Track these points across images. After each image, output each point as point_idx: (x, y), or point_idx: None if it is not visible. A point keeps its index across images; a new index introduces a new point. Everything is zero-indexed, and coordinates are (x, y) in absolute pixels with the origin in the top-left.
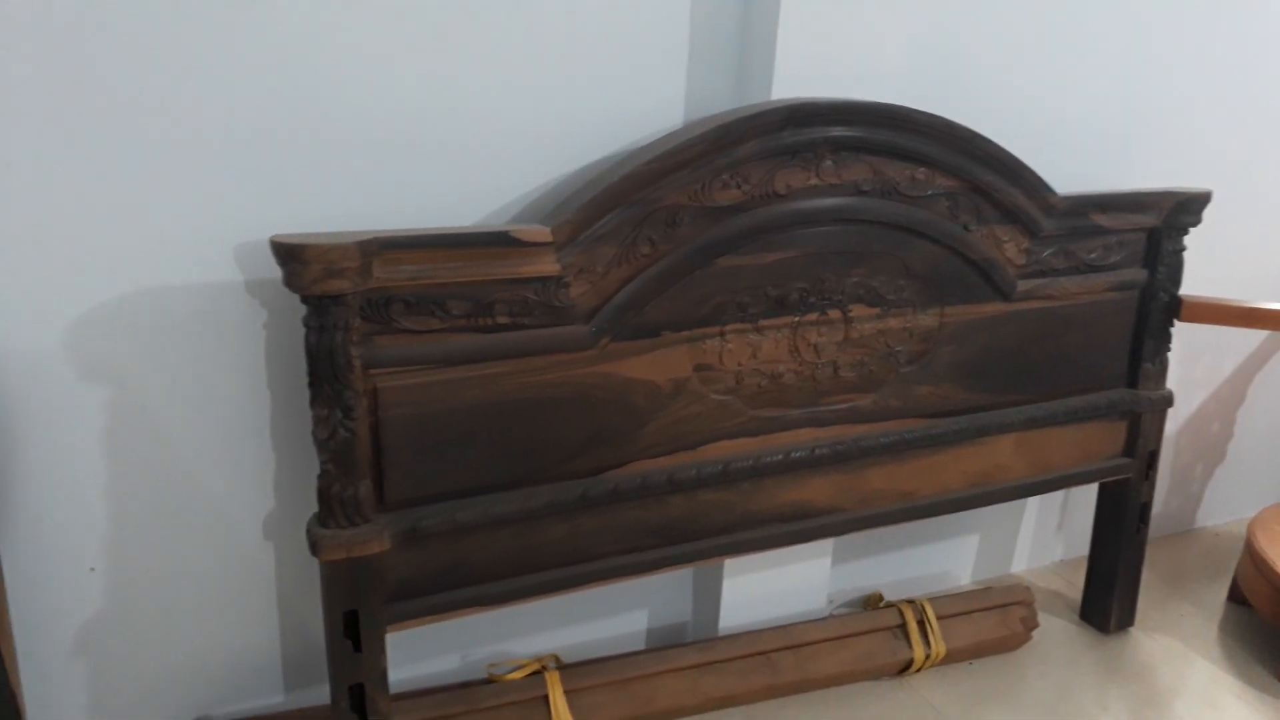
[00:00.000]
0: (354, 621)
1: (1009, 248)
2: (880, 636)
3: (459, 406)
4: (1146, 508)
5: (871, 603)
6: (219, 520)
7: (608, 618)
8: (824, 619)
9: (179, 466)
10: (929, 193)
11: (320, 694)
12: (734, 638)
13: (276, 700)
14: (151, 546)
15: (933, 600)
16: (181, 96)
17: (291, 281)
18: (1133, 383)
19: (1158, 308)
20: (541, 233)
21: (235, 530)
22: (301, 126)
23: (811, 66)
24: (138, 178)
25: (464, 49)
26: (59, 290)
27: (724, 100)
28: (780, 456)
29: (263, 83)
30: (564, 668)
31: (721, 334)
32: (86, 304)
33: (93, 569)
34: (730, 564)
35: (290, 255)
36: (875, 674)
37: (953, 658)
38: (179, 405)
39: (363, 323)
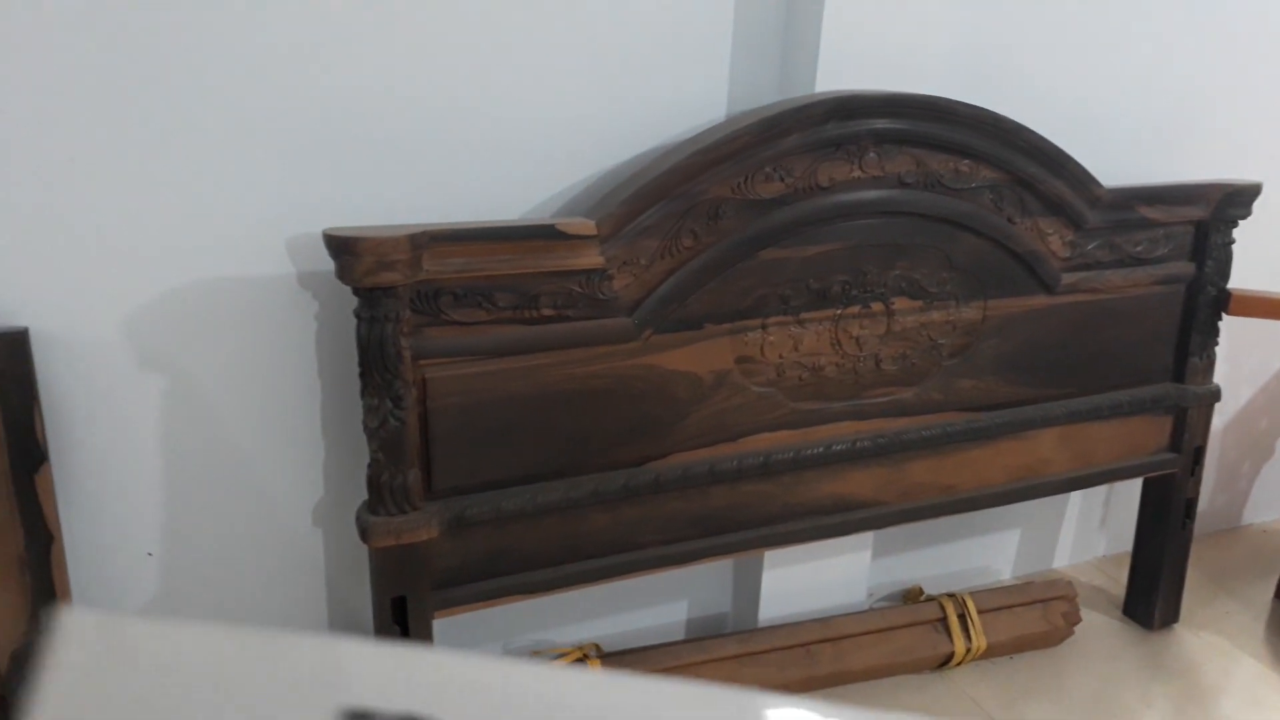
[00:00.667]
0: (402, 607)
1: (1053, 240)
2: (920, 630)
3: (505, 397)
4: (1192, 504)
5: (911, 596)
6: (270, 507)
7: (648, 607)
8: (864, 612)
9: (232, 455)
10: (972, 185)
11: None
12: (774, 629)
13: None
14: (205, 532)
15: (973, 594)
16: (238, 92)
17: (344, 274)
18: (1179, 377)
19: (1205, 301)
20: (586, 226)
21: (285, 517)
22: (352, 122)
23: (855, 59)
24: (194, 172)
25: (510, 45)
26: (118, 282)
27: (767, 93)
28: (821, 449)
29: (316, 79)
30: (605, 656)
31: (763, 326)
32: (144, 296)
33: (150, 554)
34: (770, 556)
35: (343, 248)
36: (915, 667)
37: (993, 652)
38: (233, 395)
39: (412, 314)
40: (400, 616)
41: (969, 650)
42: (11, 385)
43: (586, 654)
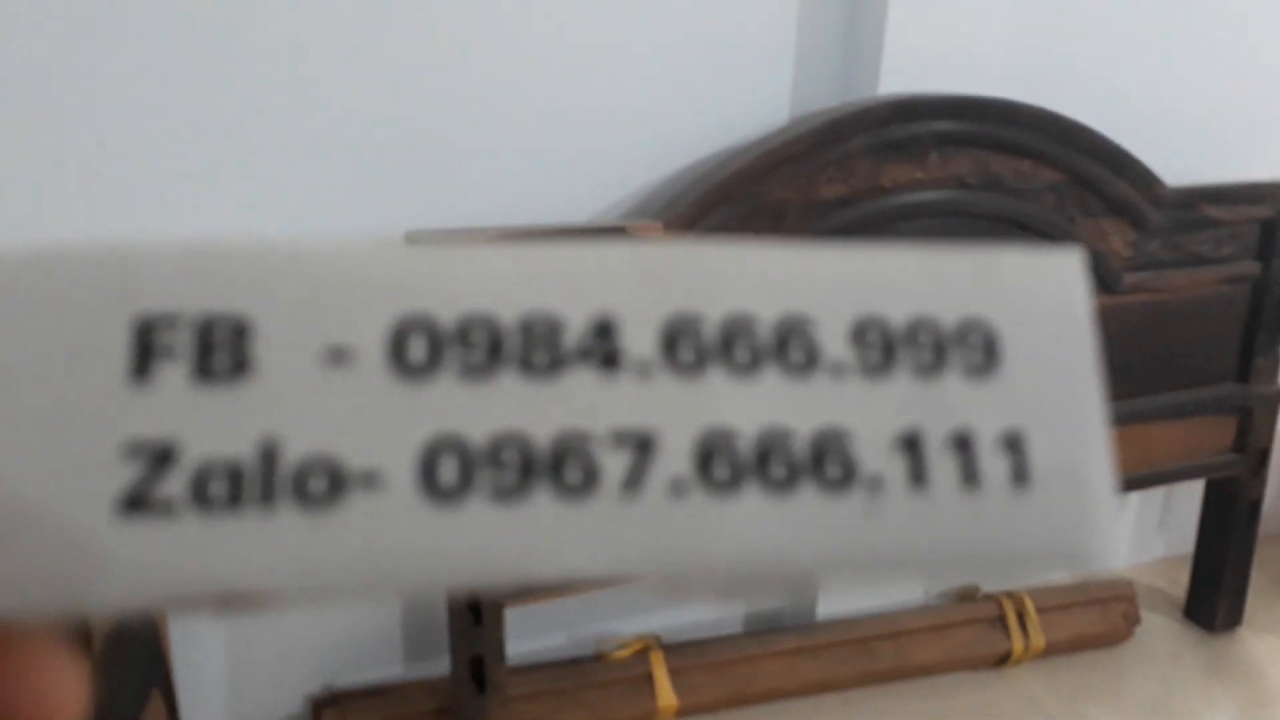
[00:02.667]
0: (475, 597)
1: (1115, 240)
2: (978, 627)
3: None
4: (1257, 505)
5: (967, 594)
6: None
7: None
8: (922, 608)
9: None
10: (1034, 186)
11: (437, 666)
12: (832, 624)
13: (396, 671)
14: None
15: (1031, 593)
16: (312, 103)
17: None
18: (1243, 377)
19: (1271, 301)
20: (654, 228)
21: None
22: (424, 131)
23: (918, 60)
24: (277, 177)
25: (577, 53)
26: None
27: (828, 96)
28: None
29: (389, 88)
30: (666, 648)
31: None
32: None
33: None
34: None
35: None
36: (973, 664)
37: (1052, 651)
38: None
39: None
40: (473, 604)
41: (1027, 649)
42: None
43: (649, 645)
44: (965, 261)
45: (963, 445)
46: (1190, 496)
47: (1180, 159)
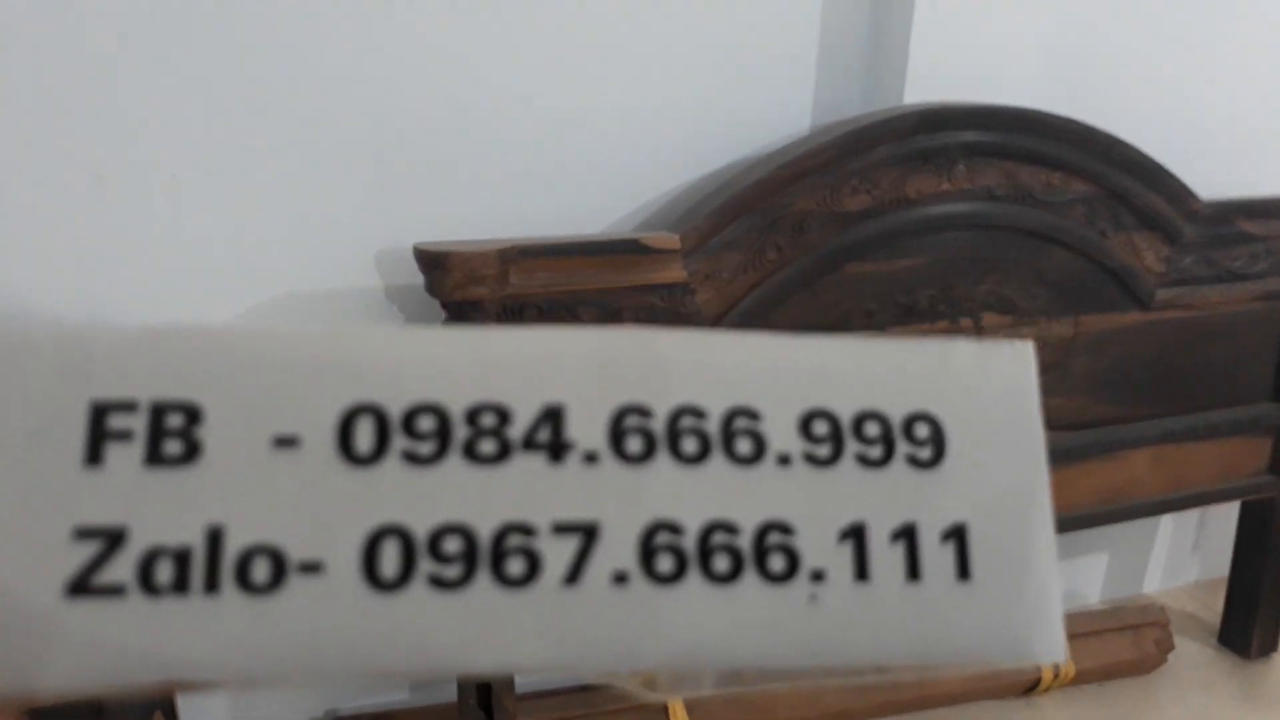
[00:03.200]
0: None
1: (1148, 255)
2: None
3: None
4: None
5: None
6: None
7: None
8: None
9: None
10: (1064, 198)
11: (444, 692)
12: None
13: (401, 697)
14: None
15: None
16: (329, 107)
17: (433, 288)
18: (1279, 396)
19: None
20: (670, 240)
21: None
22: (438, 136)
23: (944, 69)
24: (287, 187)
25: (592, 61)
26: (213, 295)
27: (852, 106)
28: None
29: (405, 93)
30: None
31: None
32: (238, 308)
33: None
34: None
35: (433, 262)
36: (999, 692)
37: (1082, 679)
38: None
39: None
40: None
41: (1056, 676)
42: None
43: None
44: (914, 354)
45: (907, 539)
46: (1225, 519)
47: (1215, 172)
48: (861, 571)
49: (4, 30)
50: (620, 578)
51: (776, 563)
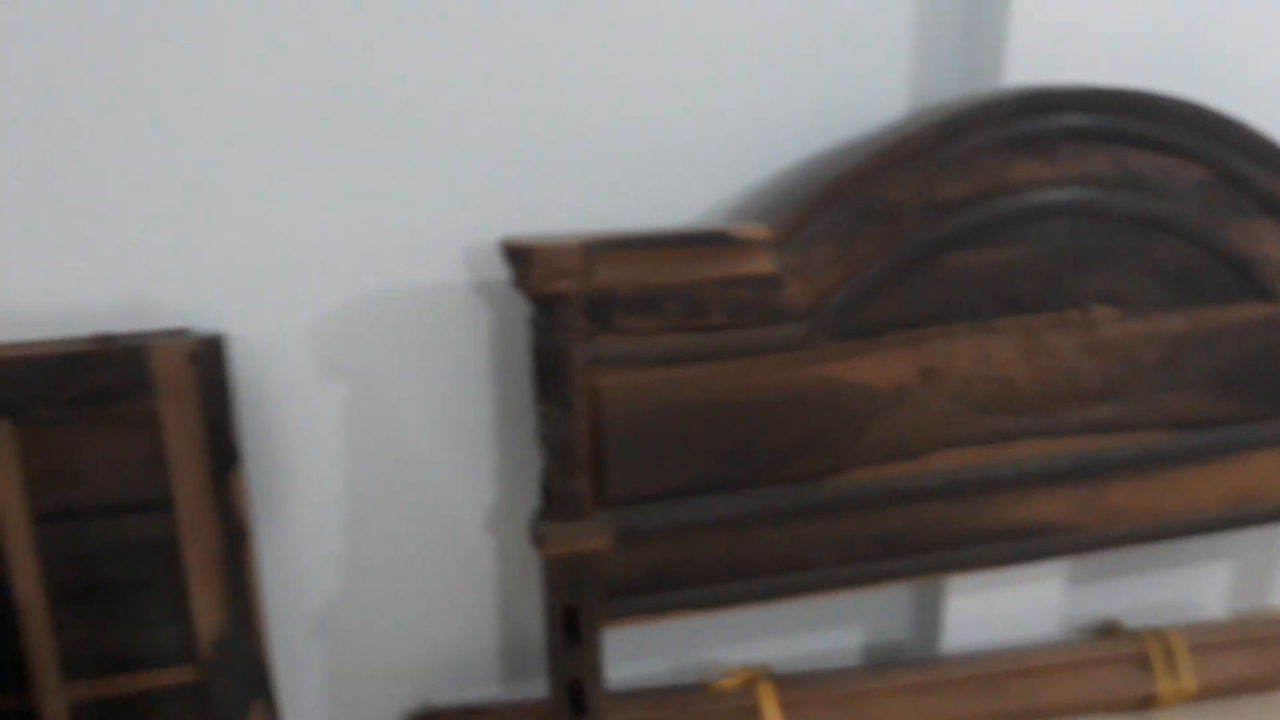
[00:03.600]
0: (573, 617)
1: (1269, 243)
2: (1119, 666)
3: (675, 406)
4: None
5: (1108, 629)
6: (444, 512)
7: (821, 630)
8: (1057, 644)
9: (408, 459)
10: (1178, 184)
11: (535, 687)
12: (958, 659)
13: (494, 691)
14: (383, 534)
15: (1180, 630)
16: (424, 103)
17: (519, 282)
18: None
19: None
20: (758, 231)
21: (458, 522)
22: (527, 130)
23: (1046, 49)
24: (379, 182)
25: (679, 48)
26: (308, 289)
27: (950, 89)
28: (1011, 469)
29: (494, 89)
30: (777, 679)
31: (948, 336)
32: (331, 303)
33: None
34: (954, 582)
35: (519, 256)
36: (1113, 706)
37: (1203, 695)
38: (411, 400)
39: (585, 322)
40: (572, 627)
41: (1175, 691)
42: (210, 389)
43: (757, 675)
44: None
45: None
46: None
47: None
48: None
49: (105, 35)
50: None
51: None
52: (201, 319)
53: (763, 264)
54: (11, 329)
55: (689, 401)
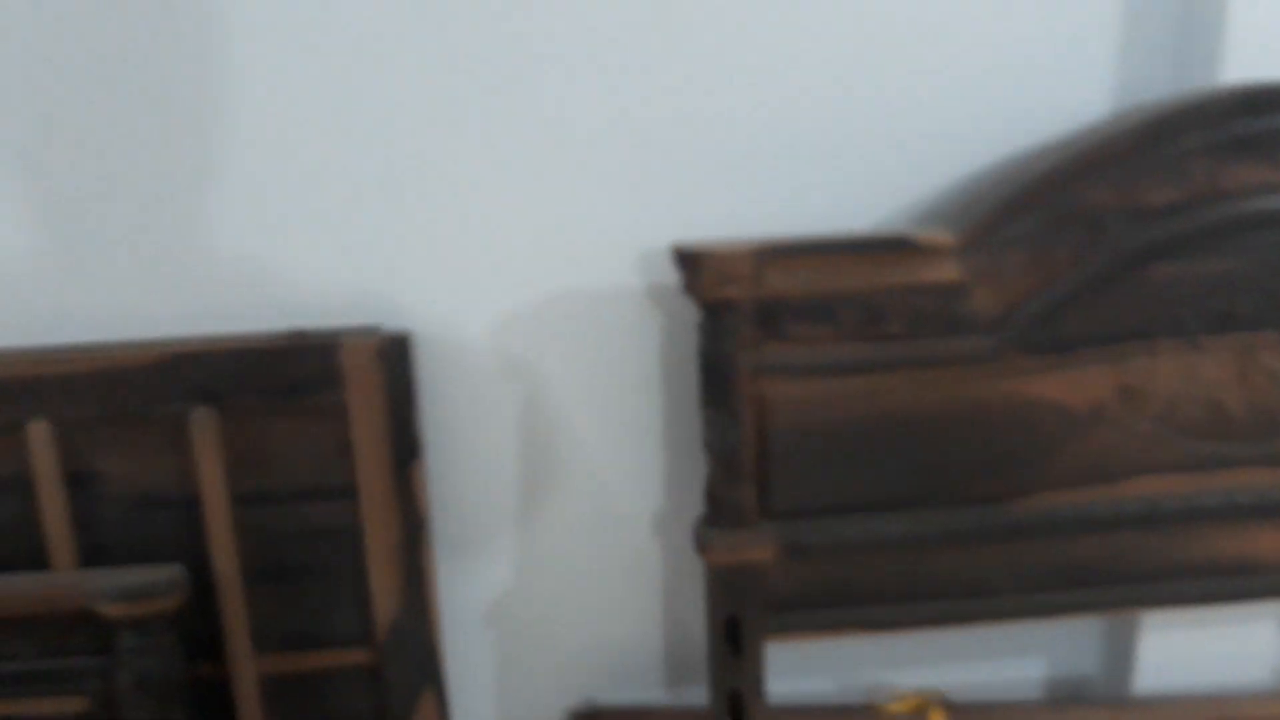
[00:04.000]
0: (736, 628)
1: None
2: None
3: (847, 418)
4: None
5: None
6: (612, 512)
7: (999, 659)
8: (1269, 693)
9: (579, 458)
10: None
11: (698, 694)
12: (1153, 703)
13: (657, 695)
14: (553, 531)
15: None
16: (603, 108)
17: (688, 287)
18: None
19: None
20: (943, 237)
21: (626, 523)
22: (705, 133)
23: (1267, 46)
24: (558, 186)
25: (866, 48)
26: (488, 289)
27: (1159, 87)
28: (1220, 499)
29: (672, 91)
30: (950, 706)
31: (1150, 353)
32: (510, 303)
33: None
34: (1150, 617)
35: (688, 262)
36: None
37: None
38: (582, 401)
39: (754, 329)
40: (734, 637)
41: None
42: (396, 384)
43: (929, 701)
44: None
45: None
46: None
47: None
48: None
49: (302, 42)
50: None
51: None
52: (390, 317)
53: (947, 271)
54: (214, 322)
55: (862, 414)
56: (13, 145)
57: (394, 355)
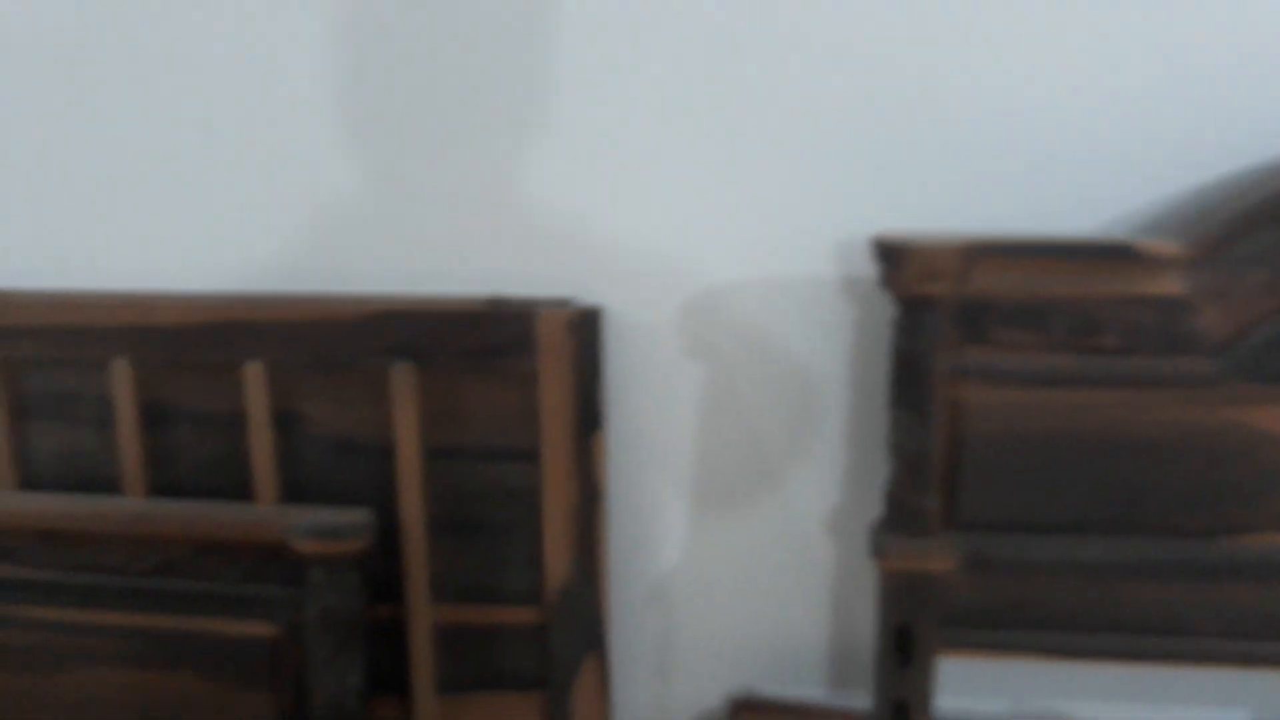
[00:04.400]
0: (906, 637)
1: None
2: None
3: (1047, 432)
4: None
5: None
6: (786, 503)
7: (1197, 704)
8: None
9: (757, 446)
10: None
11: (860, 698)
12: None
13: (817, 693)
14: (724, 515)
15: None
16: (804, 91)
17: (887, 281)
18: None
19: None
20: (1170, 248)
21: (800, 516)
22: (914, 122)
23: None
24: (758, 169)
25: (1096, 41)
26: (679, 271)
27: None
28: None
29: (879, 76)
30: None
31: None
32: (700, 285)
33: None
34: None
35: (890, 254)
36: None
37: None
38: (764, 388)
39: (955, 330)
40: (903, 645)
41: None
42: (584, 356)
43: None
44: None
45: None
46: None
47: None
48: None
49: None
50: None
51: None
52: (582, 291)
53: (1172, 285)
54: (416, 282)
55: (1066, 429)
56: (349, 95)
57: (585, 328)
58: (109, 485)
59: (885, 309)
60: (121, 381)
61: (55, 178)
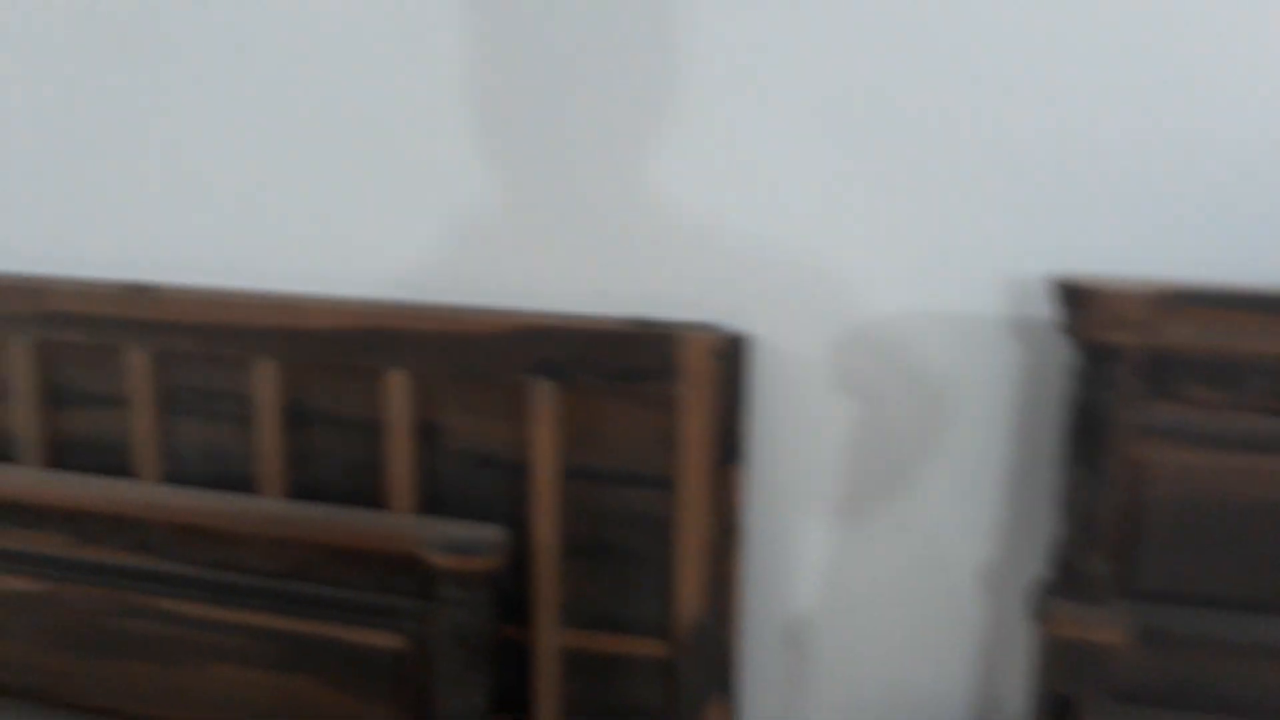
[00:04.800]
0: (1065, 709)
1: None
2: None
3: (1240, 499)
4: None
5: None
6: (935, 553)
7: None
8: None
9: (907, 489)
10: None
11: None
12: None
13: None
14: (869, 559)
15: None
16: (966, 124)
17: (1069, 325)
18: None
19: None
20: None
21: (949, 568)
22: (1089, 160)
23: None
24: (919, 203)
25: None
26: (830, 303)
27: None
28: None
29: (1058, 113)
30: None
31: None
32: (853, 319)
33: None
34: None
35: (1074, 298)
36: None
37: None
38: (919, 429)
39: (1140, 383)
40: (1059, 715)
41: None
42: (728, 383)
43: None
44: None
45: None
46: None
47: None
48: None
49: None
50: None
51: None
52: (729, 315)
53: None
54: (552, 297)
55: (1259, 496)
56: (487, 105)
57: (730, 355)
58: (247, 483)
59: (1060, 355)
60: (266, 381)
61: (211, 179)
